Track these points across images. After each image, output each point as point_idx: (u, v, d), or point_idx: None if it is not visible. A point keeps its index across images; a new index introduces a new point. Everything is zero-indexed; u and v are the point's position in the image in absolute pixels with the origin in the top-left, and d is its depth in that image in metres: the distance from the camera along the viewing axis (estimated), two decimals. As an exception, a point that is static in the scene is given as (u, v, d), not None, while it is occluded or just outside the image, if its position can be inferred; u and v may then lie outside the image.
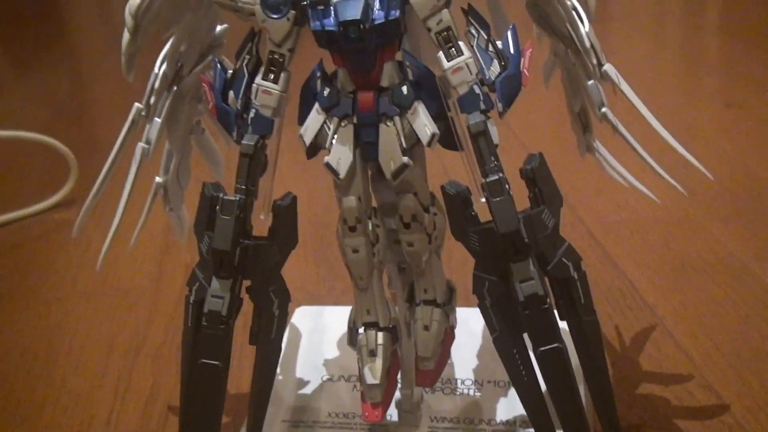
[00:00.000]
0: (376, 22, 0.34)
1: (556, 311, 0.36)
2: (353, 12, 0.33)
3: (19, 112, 1.25)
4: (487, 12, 0.45)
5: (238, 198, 0.36)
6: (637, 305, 0.60)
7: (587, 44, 0.38)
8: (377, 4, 0.34)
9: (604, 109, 0.41)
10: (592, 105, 0.41)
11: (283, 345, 0.41)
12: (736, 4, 1.43)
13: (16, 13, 1.93)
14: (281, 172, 0.40)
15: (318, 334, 0.55)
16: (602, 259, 0.67)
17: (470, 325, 0.51)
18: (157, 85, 0.40)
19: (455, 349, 0.45)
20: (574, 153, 0.45)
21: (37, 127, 1.14)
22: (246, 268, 0.37)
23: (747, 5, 1.39)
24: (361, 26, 0.33)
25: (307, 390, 0.49)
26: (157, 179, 0.45)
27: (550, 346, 0.35)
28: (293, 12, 0.35)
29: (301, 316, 0.58)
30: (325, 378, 0.50)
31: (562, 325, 0.36)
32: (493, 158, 0.35)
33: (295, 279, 0.68)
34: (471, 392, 0.48)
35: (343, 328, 0.43)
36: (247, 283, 0.38)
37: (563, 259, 0.35)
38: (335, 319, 0.55)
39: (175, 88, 0.41)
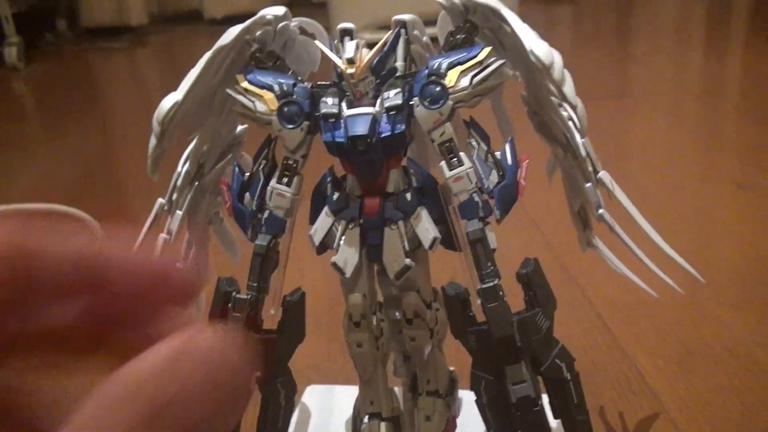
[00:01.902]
0: (383, 136, 0.37)
1: (550, 409, 0.38)
2: (362, 127, 0.36)
3: (49, 176, 1.30)
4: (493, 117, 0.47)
5: (249, 296, 0.38)
6: (641, 391, 0.61)
7: (583, 153, 0.40)
8: (384, 119, 0.37)
9: (601, 211, 0.43)
10: (589, 206, 0.43)
11: (293, 425, 0.42)
12: (754, 84, 1.46)
13: (52, 80, 2.01)
14: (296, 247, 0.42)
15: (327, 414, 0.57)
16: (609, 342, 0.68)
17: (474, 410, 0.52)
18: (179, 182, 0.43)
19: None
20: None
21: (65, 193, 1.19)
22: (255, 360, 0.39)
23: (765, 85, 1.41)
24: (368, 140, 0.36)
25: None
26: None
27: (542, 446, 0.36)
28: (307, 123, 0.38)
29: (311, 395, 0.59)
30: (332, 460, 0.51)
31: (557, 423, 0.38)
32: (489, 263, 0.37)
33: (308, 356, 0.70)
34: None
35: (352, 408, 0.45)
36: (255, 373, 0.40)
37: (557, 360, 0.37)
38: (345, 399, 0.57)
39: (196, 183, 0.44)
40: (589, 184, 0.42)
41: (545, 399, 0.38)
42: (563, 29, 2.08)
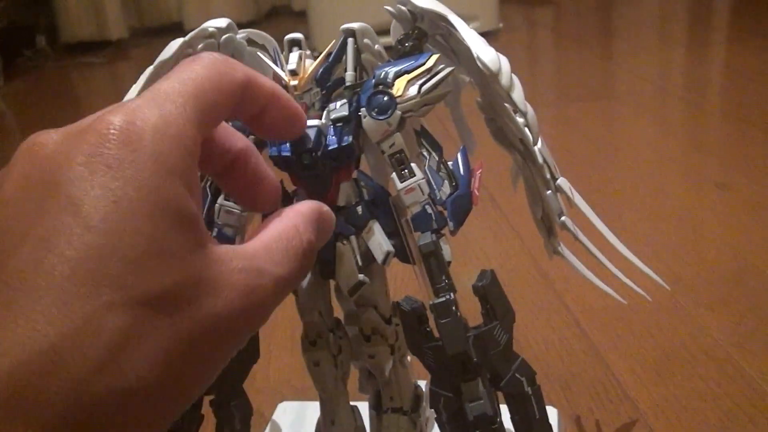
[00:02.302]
0: (330, 148, 0.36)
1: (513, 426, 0.37)
2: (306, 141, 0.35)
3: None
4: (450, 126, 0.46)
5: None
6: (618, 398, 0.60)
7: (539, 160, 0.39)
8: (331, 131, 0.36)
9: (563, 218, 0.42)
10: (552, 213, 0.42)
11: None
12: (736, 83, 1.46)
13: (32, 97, 1.99)
14: None
15: (298, 430, 0.56)
16: (586, 349, 0.67)
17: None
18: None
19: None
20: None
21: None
22: (208, 383, 0.38)
23: (747, 85, 1.41)
24: (314, 153, 0.35)
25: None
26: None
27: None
28: (252, 137, 0.37)
29: (283, 412, 0.58)
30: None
31: (519, 439, 0.37)
32: (444, 277, 0.36)
33: (281, 371, 0.68)
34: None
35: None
36: (209, 396, 0.39)
37: (517, 374, 0.36)
38: (317, 415, 0.56)
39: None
40: (549, 192, 0.41)
41: (507, 415, 0.37)
42: (544, 31, 2.08)
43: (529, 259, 0.82)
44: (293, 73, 0.35)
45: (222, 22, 0.39)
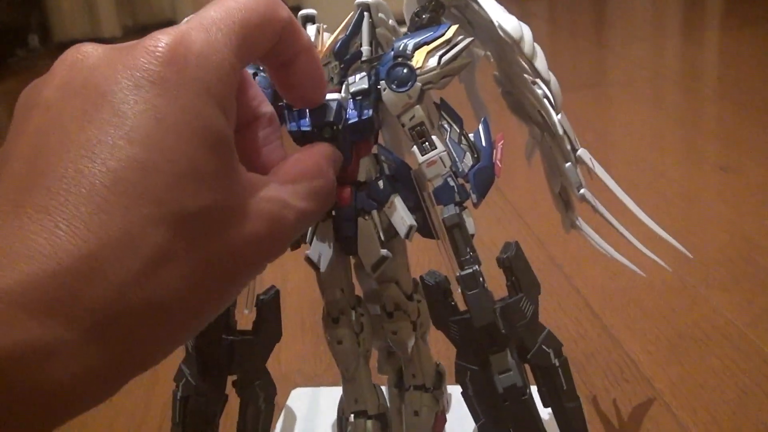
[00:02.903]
0: (350, 122, 0.35)
1: (539, 398, 0.36)
2: (327, 114, 0.34)
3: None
4: (465, 99, 0.46)
5: (220, 296, 0.37)
6: (634, 378, 0.60)
7: (560, 131, 0.39)
8: (351, 105, 0.35)
9: (582, 191, 0.42)
10: (570, 186, 0.42)
11: (279, 428, 0.40)
12: (731, 67, 1.46)
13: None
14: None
15: (313, 417, 0.55)
16: (599, 330, 0.66)
17: (464, 405, 0.50)
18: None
19: (448, 430, 0.44)
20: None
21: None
22: (231, 363, 0.38)
23: (743, 69, 1.41)
24: (335, 127, 0.34)
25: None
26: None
27: (532, 436, 0.34)
28: (272, 112, 0.37)
29: (297, 398, 0.58)
30: (319, 463, 0.50)
31: (547, 411, 0.36)
32: (468, 249, 0.35)
33: (293, 359, 0.68)
34: (465, 476, 0.47)
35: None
36: (233, 377, 0.39)
37: (543, 346, 0.36)
38: (331, 400, 0.55)
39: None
40: (568, 164, 0.41)
41: (534, 388, 0.37)
42: (539, 22, 2.08)
43: (536, 243, 0.81)
44: (312, 45, 0.35)
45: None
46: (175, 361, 0.68)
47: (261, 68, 0.38)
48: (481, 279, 0.34)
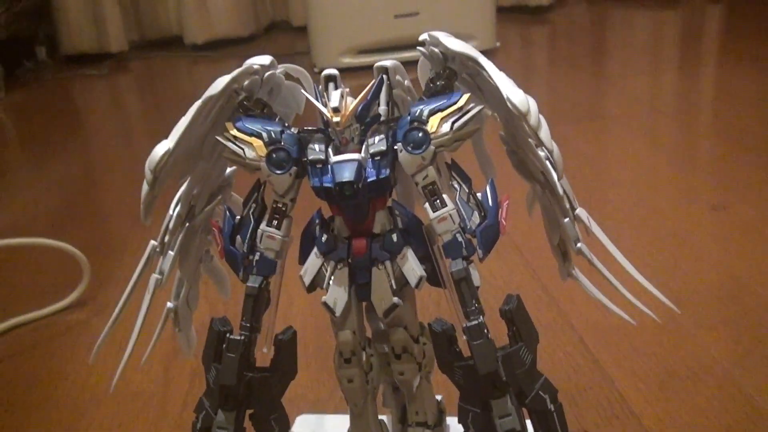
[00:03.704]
0: (369, 180, 0.38)
1: (535, 440, 0.39)
2: (348, 173, 0.38)
3: (32, 206, 1.30)
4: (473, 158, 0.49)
5: (242, 337, 0.40)
6: (624, 414, 0.62)
7: (560, 192, 0.42)
8: (370, 164, 0.38)
9: (579, 245, 0.44)
10: (568, 240, 0.45)
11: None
12: (726, 104, 1.49)
13: (32, 109, 2.01)
14: (284, 277, 0.43)
15: (317, 444, 0.58)
16: (591, 366, 0.69)
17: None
18: (171, 224, 0.44)
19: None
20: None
21: (49, 223, 1.19)
22: (249, 398, 0.41)
23: (738, 107, 1.44)
24: (355, 186, 0.37)
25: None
26: (169, 305, 0.48)
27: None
28: (295, 168, 0.40)
29: (302, 424, 0.60)
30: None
31: (542, 452, 0.39)
32: (474, 301, 0.38)
33: (297, 385, 0.70)
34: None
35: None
36: (249, 410, 0.41)
37: (540, 392, 0.38)
38: (335, 428, 0.58)
39: (187, 224, 0.45)
40: (566, 219, 0.44)
41: (530, 430, 0.40)
42: (539, 49, 2.12)
43: (533, 279, 0.84)
44: (336, 110, 0.38)
45: (265, 60, 0.41)
46: (183, 385, 0.71)
47: (287, 124, 0.41)
48: (485, 330, 0.37)
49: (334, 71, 0.42)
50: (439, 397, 0.49)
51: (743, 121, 1.35)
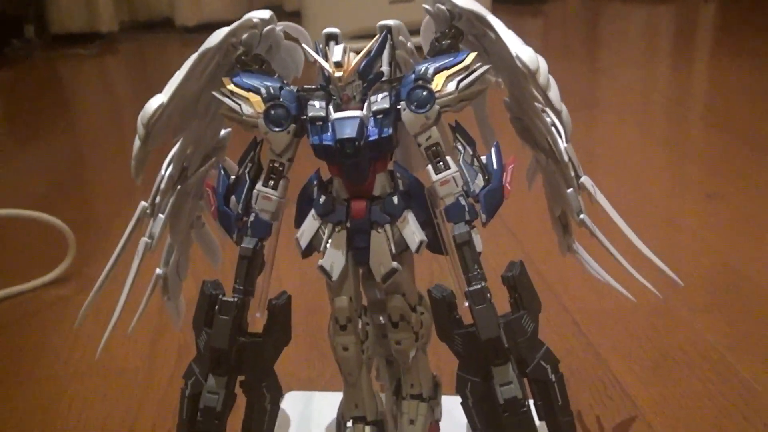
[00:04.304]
0: (371, 139, 0.37)
1: (535, 411, 0.38)
2: (350, 130, 0.36)
3: (19, 183, 1.28)
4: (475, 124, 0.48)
5: (236, 299, 0.38)
6: (618, 396, 0.62)
7: (565, 158, 0.41)
8: (372, 122, 0.37)
9: (582, 216, 0.43)
10: (570, 211, 0.44)
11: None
12: (719, 96, 1.49)
13: (20, 87, 1.98)
14: (277, 257, 0.42)
15: (306, 421, 0.57)
16: (585, 348, 0.68)
17: (455, 414, 0.52)
18: (162, 185, 0.43)
19: (440, 441, 0.46)
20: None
21: (36, 200, 1.17)
22: (241, 364, 0.39)
23: (730, 99, 1.44)
24: (357, 143, 0.36)
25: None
26: (158, 271, 0.47)
27: (528, 447, 0.36)
28: (293, 126, 0.38)
29: (291, 402, 0.59)
30: (313, 466, 0.51)
31: (541, 424, 0.38)
32: (476, 266, 0.37)
33: (286, 363, 0.69)
34: (455, 484, 0.49)
35: (332, 414, 0.45)
36: (241, 377, 0.40)
37: (542, 362, 0.37)
38: (324, 405, 0.57)
39: (179, 187, 0.44)
40: (570, 190, 0.43)
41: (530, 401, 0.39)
42: (533, 40, 2.10)
43: (527, 261, 0.82)
44: (338, 65, 0.36)
45: (265, 14, 0.40)
46: (170, 360, 0.69)
47: (286, 81, 0.40)
48: (488, 295, 0.36)
49: (335, 30, 0.41)
50: (434, 373, 0.47)
51: (735, 113, 1.35)
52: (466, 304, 0.37)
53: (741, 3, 2.32)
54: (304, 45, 0.41)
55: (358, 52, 0.38)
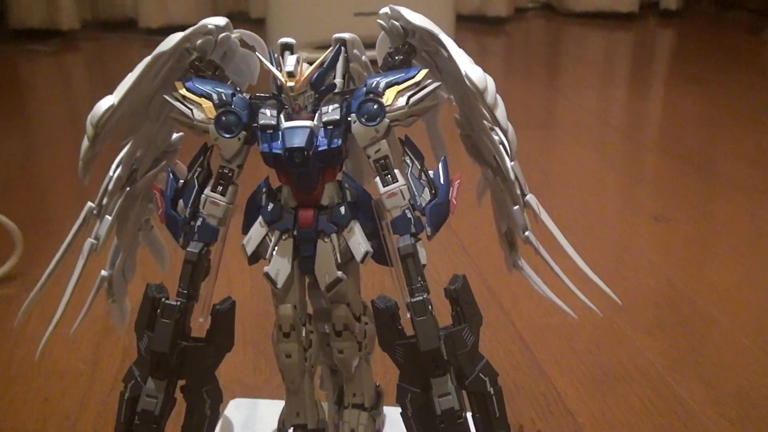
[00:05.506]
0: (320, 149, 0.37)
1: (473, 424, 0.39)
2: (299, 139, 0.37)
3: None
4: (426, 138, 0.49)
5: (178, 303, 0.38)
6: (559, 411, 0.63)
7: (512, 176, 0.42)
8: (322, 133, 0.38)
9: (527, 233, 0.44)
10: (516, 228, 0.45)
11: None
12: (673, 122, 1.53)
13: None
14: (225, 260, 0.42)
15: (250, 428, 0.56)
16: (529, 362, 0.69)
17: (398, 425, 0.52)
18: (110, 187, 0.42)
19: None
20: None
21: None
22: (182, 368, 0.39)
23: (683, 125, 1.48)
24: (306, 153, 0.37)
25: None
26: (103, 272, 0.46)
27: (464, 458, 0.37)
28: (244, 132, 0.39)
29: (235, 409, 0.59)
30: (253, 474, 0.51)
31: (478, 436, 0.39)
32: (419, 278, 0.38)
33: (232, 370, 0.69)
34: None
35: (276, 422, 0.45)
36: (181, 382, 0.40)
37: (481, 374, 0.38)
38: (269, 412, 0.56)
39: (127, 189, 0.43)
40: (516, 207, 0.44)
41: (468, 414, 0.39)
42: (495, 59, 2.14)
43: (477, 276, 0.84)
44: (290, 74, 0.37)
45: (221, 21, 0.40)
46: (114, 365, 0.68)
47: (239, 89, 0.40)
48: (429, 307, 0.36)
49: (290, 40, 0.42)
50: (377, 384, 0.48)
51: (687, 139, 1.39)
52: (408, 315, 0.38)
53: (696, 32, 2.38)
54: (258, 53, 0.41)
55: (312, 63, 0.39)
